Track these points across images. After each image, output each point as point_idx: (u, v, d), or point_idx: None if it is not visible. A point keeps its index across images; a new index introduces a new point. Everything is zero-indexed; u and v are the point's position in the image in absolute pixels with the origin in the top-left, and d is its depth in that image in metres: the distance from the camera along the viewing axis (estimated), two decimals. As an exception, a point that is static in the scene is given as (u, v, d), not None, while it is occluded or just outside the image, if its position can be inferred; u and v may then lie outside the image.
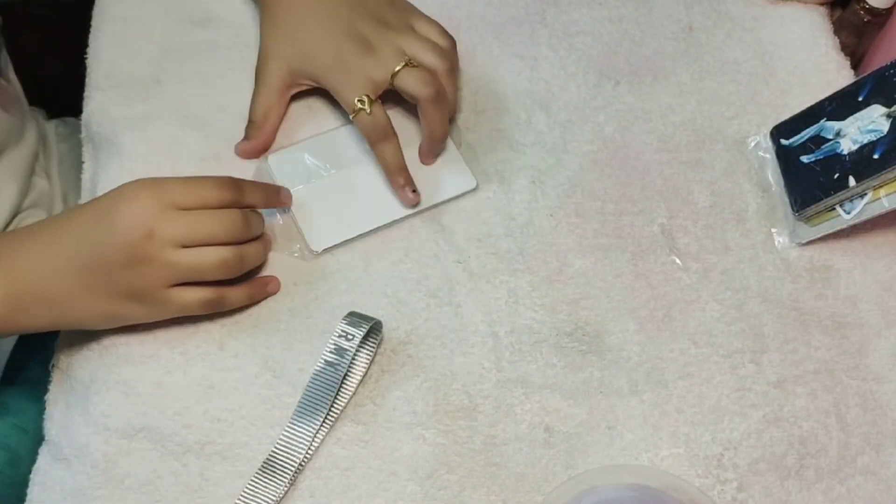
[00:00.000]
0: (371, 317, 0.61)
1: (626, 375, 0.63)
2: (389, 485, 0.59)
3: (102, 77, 0.70)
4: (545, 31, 0.75)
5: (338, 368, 0.60)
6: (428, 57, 0.65)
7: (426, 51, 0.65)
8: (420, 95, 0.64)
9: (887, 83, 0.64)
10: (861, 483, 0.61)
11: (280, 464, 0.59)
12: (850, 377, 0.64)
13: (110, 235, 0.56)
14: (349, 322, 0.61)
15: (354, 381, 0.61)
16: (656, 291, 0.66)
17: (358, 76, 0.64)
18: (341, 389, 0.61)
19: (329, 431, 0.60)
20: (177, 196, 0.57)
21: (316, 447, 0.60)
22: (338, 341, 0.60)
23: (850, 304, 0.66)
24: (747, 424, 0.62)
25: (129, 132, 0.68)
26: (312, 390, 0.60)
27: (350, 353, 0.60)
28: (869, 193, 0.64)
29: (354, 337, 0.60)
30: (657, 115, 0.72)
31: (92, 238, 0.57)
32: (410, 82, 0.64)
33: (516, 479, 0.60)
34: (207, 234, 0.58)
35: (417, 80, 0.64)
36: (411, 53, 0.65)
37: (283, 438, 0.59)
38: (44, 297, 0.57)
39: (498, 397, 0.62)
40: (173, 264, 0.57)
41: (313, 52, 0.66)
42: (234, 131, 0.69)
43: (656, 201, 0.69)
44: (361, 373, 0.62)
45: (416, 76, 0.64)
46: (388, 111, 0.65)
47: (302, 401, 0.60)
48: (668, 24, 0.76)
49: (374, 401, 0.61)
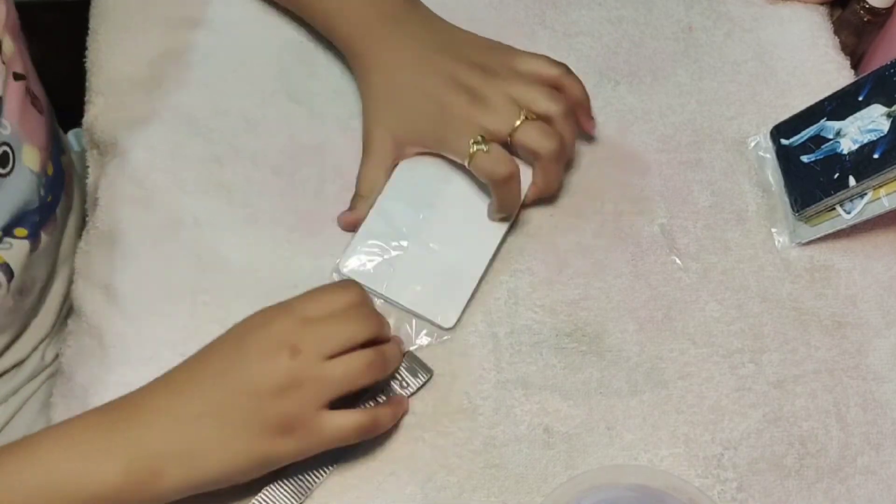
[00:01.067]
0: (428, 367, 0.62)
1: (626, 376, 0.63)
2: (389, 486, 0.59)
3: (103, 82, 0.71)
4: (545, 32, 0.75)
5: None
6: (543, 103, 0.61)
7: (541, 97, 0.61)
8: (544, 152, 0.60)
9: (887, 83, 0.64)
10: (861, 483, 0.61)
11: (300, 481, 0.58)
12: (850, 377, 0.64)
13: (251, 365, 0.53)
14: (407, 368, 0.61)
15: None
16: (656, 291, 0.66)
17: (470, 125, 0.60)
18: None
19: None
20: (307, 309, 0.55)
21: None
22: (393, 387, 0.61)
23: (850, 304, 0.66)
24: (747, 424, 0.62)
25: (130, 136, 0.68)
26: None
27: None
28: (869, 193, 0.64)
29: (409, 386, 0.61)
30: (657, 116, 0.72)
31: (231, 374, 0.53)
32: (534, 138, 0.60)
33: (516, 480, 0.60)
34: (349, 337, 0.54)
35: (541, 135, 0.60)
36: (525, 102, 0.61)
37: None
38: (177, 453, 0.52)
39: (497, 398, 0.62)
40: (326, 378, 0.53)
41: (417, 118, 0.63)
42: (235, 134, 0.69)
43: (656, 201, 0.69)
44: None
45: (538, 131, 0.60)
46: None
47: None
48: (668, 25, 0.76)
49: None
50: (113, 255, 0.65)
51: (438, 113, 0.62)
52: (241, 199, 0.67)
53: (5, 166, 0.64)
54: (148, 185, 0.67)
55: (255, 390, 0.52)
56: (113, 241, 0.66)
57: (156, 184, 0.67)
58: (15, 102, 0.66)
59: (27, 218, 0.67)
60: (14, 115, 0.66)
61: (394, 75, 0.64)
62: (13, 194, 0.65)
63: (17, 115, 0.66)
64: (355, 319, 0.56)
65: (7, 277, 0.67)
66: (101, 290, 0.65)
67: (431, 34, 0.66)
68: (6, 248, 0.67)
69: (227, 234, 0.66)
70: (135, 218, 0.66)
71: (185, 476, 0.52)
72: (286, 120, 0.70)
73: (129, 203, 0.67)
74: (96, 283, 0.65)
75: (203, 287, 0.64)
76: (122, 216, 0.66)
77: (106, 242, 0.66)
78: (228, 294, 0.64)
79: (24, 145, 0.67)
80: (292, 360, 0.53)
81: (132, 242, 0.65)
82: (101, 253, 0.66)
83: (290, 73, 0.72)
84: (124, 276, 0.65)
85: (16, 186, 0.66)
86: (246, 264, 0.65)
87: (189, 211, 0.67)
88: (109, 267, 0.65)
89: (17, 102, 0.67)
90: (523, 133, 0.60)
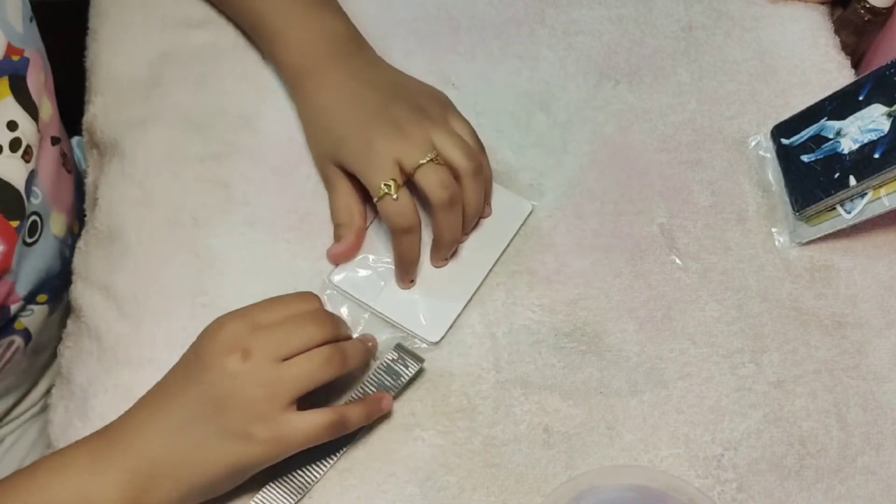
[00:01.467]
0: (419, 356, 0.61)
1: (626, 375, 0.63)
2: (388, 486, 0.59)
3: (102, 82, 0.71)
4: (545, 31, 0.75)
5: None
6: (456, 154, 0.61)
7: (456, 147, 0.61)
8: (434, 198, 0.60)
9: (888, 82, 0.64)
10: (861, 483, 0.61)
11: (297, 479, 0.58)
12: (851, 377, 0.64)
13: (206, 372, 0.53)
14: (398, 359, 0.61)
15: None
16: (656, 291, 0.66)
17: (386, 159, 0.61)
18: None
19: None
20: (260, 315, 0.55)
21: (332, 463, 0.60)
22: (382, 378, 0.60)
23: (850, 304, 0.66)
24: (747, 424, 0.62)
25: (129, 136, 0.68)
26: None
27: (393, 392, 0.60)
28: (869, 193, 0.64)
29: (401, 376, 0.61)
30: (657, 115, 0.72)
31: (191, 384, 0.54)
32: (430, 181, 0.60)
33: (515, 480, 0.60)
34: (302, 340, 0.55)
35: (436, 181, 0.60)
36: (440, 146, 0.61)
37: (305, 455, 0.58)
38: (163, 468, 0.53)
39: (497, 398, 0.62)
40: (281, 379, 0.53)
41: (343, 138, 0.63)
42: (233, 133, 0.69)
43: (656, 201, 0.69)
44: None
45: (435, 176, 0.60)
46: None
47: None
48: (668, 24, 0.76)
49: (373, 402, 0.61)
50: (112, 256, 0.65)
51: (362, 141, 0.62)
52: (240, 199, 0.67)
53: (33, 236, 0.65)
54: (147, 186, 0.67)
55: (213, 397, 0.53)
56: (112, 241, 0.66)
57: (155, 184, 0.67)
58: (49, 167, 0.67)
59: (49, 283, 0.68)
60: (48, 181, 0.67)
61: (332, 108, 0.65)
62: (38, 262, 0.67)
63: (51, 181, 0.67)
64: (310, 322, 0.56)
65: (25, 341, 0.68)
66: (100, 291, 0.65)
67: (375, 75, 0.66)
68: (28, 314, 0.67)
69: (226, 234, 0.66)
70: (134, 218, 0.66)
71: (175, 487, 0.53)
72: (285, 119, 0.70)
73: (129, 203, 0.67)
74: (95, 283, 0.65)
75: (202, 288, 0.64)
76: (122, 216, 0.66)
77: (105, 243, 0.66)
78: (227, 294, 0.64)
79: (52, 212, 0.68)
80: (244, 363, 0.53)
81: (131, 243, 0.65)
82: (99, 254, 0.66)
83: (289, 73, 0.71)
84: (123, 276, 0.65)
85: (41, 255, 0.67)
86: (244, 264, 0.65)
87: (188, 211, 0.66)
88: (108, 267, 0.65)
89: (52, 167, 0.67)
90: (422, 173, 0.60)
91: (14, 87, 0.62)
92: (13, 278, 0.64)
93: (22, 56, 0.62)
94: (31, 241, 0.65)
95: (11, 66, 0.61)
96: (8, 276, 0.63)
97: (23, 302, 0.66)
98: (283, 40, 0.67)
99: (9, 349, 0.67)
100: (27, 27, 0.64)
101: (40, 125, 0.64)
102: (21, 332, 0.68)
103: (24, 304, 0.66)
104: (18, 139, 0.62)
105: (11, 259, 0.62)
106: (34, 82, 0.63)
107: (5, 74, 0.61)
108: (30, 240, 0.64)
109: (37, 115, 0.63)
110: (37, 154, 0.64)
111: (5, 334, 0.67)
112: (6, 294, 0.64)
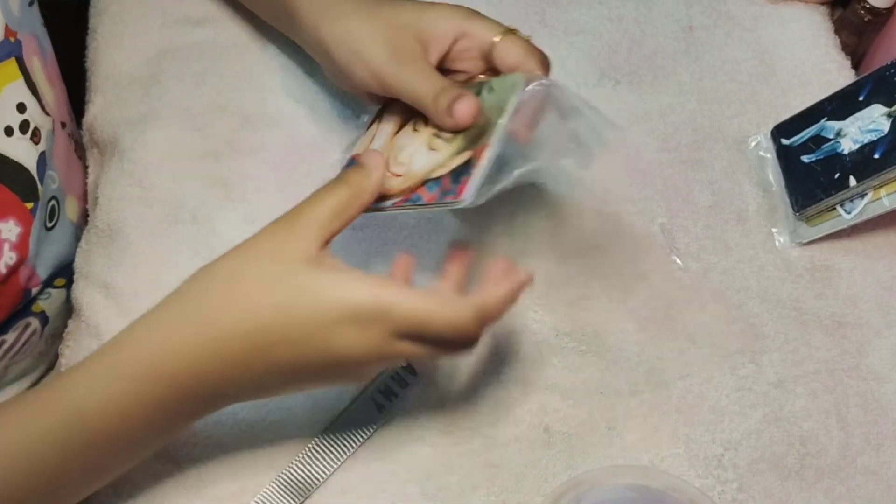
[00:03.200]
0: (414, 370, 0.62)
1: (626, 375, 0.63)
2: (388, 486, 0.59)
3: (102, 79, 0.71)
4: (545, 30, 0.75)
5: (382, 411, 0.60)
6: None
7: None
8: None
9: (888, 83, 0.64)
10: (861, 483, 0.61)
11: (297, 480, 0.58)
12: (851, 377, 0.64)
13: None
14: (407, 369, 0.61)
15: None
16: (656, 291, 0.66)
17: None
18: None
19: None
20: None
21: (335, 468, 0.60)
22: (390, 384, 0.61)
23: (850, 304, 0.66)
24: (747, 424, 0.62)
25: (129, 133, 0.68)
26: (350, 423, 0.60)
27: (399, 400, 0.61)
28: (869, 193, 0.64)
29: (409, 385, 0.61)
30: (657, 115, 0.72)
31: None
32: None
33: (516, 480, 0.60)
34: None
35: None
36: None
37: (307, 457, 0.59)
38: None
39: (497, 398, 0.62)
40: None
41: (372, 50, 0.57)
42: (233, 130, 0.69)
43: (656, 201, 0.69)
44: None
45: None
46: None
47: (336, 431, 0.60)
48: (668, 24, 0.76)
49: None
50: (112, 254, 0.65)
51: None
52: (239, 196, 0.67)
53: (52, 219, 0.65)
54: (147, 183, 0.67)
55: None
56: (112, 239, 0.66)
57: (155, 182, 0.67)
58: (62, 150, 0.67)
59: (67, 267, 0.68)
60: (62, 165, 0.66)
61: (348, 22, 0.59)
62: (56, 247, 0.67)
63: (64, 165, 0.67)
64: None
65: (42, 325, 0.68)
66: (101, 289, 0.64)
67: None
68: (45, 297, 0.67)
69: (226, 232, 0.66)
70: (134, 216, 0.66)
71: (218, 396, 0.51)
72: (285, 117, 0.70)
73: (129, 201, 0.67)
74: (96, 281, 0.65)
75: (202, 285, 0.64)
76: (122, 214, 0.66)
77: (105, 241, 0.66)
78: (227, 292, 0.63)
79: (67, 196, 0.68)
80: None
81: (131, 240, 0.65)
82: (100, 251, 0.66)
83: (288, 70, 0.71)
84: (123, 274, 0.64)
85: (59, 240, 0.67)
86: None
87: (188, 208, 0.66)
88: (109, 265, 0.65)
89: (63, 150, 0.67)
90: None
91: (23, 69, 0.62)
92: (33, 262, 0.64)
93: (15, 38, 0.62)
94: (50, 225, 0.65)
95: (15, 47, 0.61)
96: (28, 259, 0.63)
97: (42, 285, 0.66)
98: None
99: (26, 331, 0.67)
100: (25, 10, 0.64)
101: (46, 108, 0.64)
102: (39, 314, 0.68)
103: (42, 287, 0.66)
104: (27, 121, 0.62)
105: (28, 240, 0.62)
106: (30, 65, 0.63)
107: (12, 55, 0.61)
108: (49, 224, 0.65)
109: (39, 96, 0.64)
110: (47, 137, 0.64)
111: (23, 316, 0.67)
112: (28, 277, 0.64)
